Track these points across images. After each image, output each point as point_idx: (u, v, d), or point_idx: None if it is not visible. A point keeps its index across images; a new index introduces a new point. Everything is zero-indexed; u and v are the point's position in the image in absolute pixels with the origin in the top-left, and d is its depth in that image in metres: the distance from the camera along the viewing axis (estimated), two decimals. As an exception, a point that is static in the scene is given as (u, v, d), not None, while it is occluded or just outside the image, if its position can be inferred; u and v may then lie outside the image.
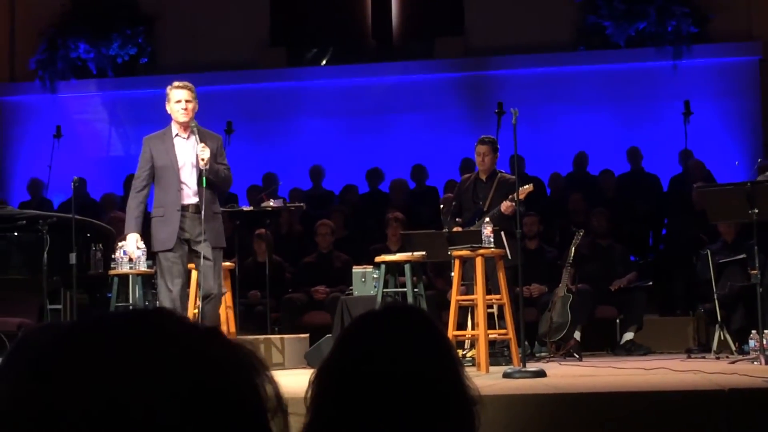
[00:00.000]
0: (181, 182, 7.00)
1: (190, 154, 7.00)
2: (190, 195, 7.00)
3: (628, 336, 9.33)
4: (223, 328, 7.85)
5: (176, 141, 7.04)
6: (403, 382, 1.85)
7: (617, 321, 9.51)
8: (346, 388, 1.87)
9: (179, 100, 7.01)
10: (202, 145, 6.93)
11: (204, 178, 6.93)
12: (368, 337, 1.89)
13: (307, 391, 1.92)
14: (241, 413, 1.02)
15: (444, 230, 8.32)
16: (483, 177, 8.52)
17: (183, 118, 6.99)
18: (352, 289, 8.92)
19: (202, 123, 13.18)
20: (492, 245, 7.38)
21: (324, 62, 14.04)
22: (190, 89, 7.10)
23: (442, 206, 9.02)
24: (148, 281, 8.30)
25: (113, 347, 1.01)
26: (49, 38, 13.64)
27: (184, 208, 7.00)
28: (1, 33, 14.18)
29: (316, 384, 1.91)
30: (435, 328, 2.01)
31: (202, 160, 6.89)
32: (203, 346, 1.03)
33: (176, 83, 7.16)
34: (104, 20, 13.58)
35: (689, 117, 12.26)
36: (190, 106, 7.03)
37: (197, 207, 6.95)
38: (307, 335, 8.89)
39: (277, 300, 9.82)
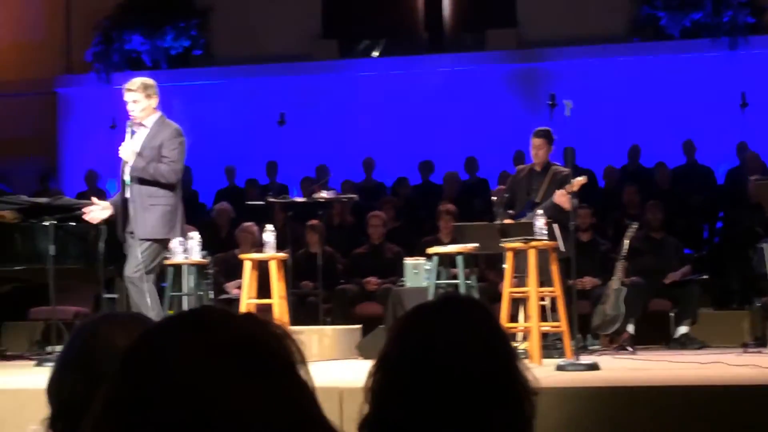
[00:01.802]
0: (123, 178, 7.22)
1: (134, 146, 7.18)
2: (128, 190, 7.19)
3: (683, 330, 9.26)
4: (276, 318, 7.89)
5: (127, 138, 7.21)
6: (462, 373, 1.86)
7: (671, 314, 9.44)
8: (406, 379, 1.87)
9: (126, 102, 7.16)
10: (123, 145, 7.09)
11: (127, 176, 7.13)
12: (427, 327, 1.89)
13: (366, 382, 1.93)
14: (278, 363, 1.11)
15: (496, 222, 8.29)
16: (537, 169, 8.49)
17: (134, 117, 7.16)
18: (403, 281, 8.93)
19: (255, 115, 13.29)
20: (545, 237, 7.34)
21: (376, 54, 14.05)
22: (129, 90, 7.18)
23: (494, 198, 8.99)
24: (201, 271, 8.37)
25: (177, 342, 1.10)
26: (104, 31, 13.79)
27: (124, 201, 7.20)
28: (58, 26, 14.35)
29: (375, 375, 1.92)
30: (493, 319, 2.01)
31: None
32: (244, 334, 1.11)
33: (124, 85, 7.28)
34: (158, 13, 13.70)
35: (745, 109, 12.12)
36: (135, 106, 7.12)
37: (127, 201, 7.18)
38: (360, 326, 8.90)
39: (329, 291, 9.85)
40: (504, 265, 7.73)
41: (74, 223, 8.06)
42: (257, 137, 13.22)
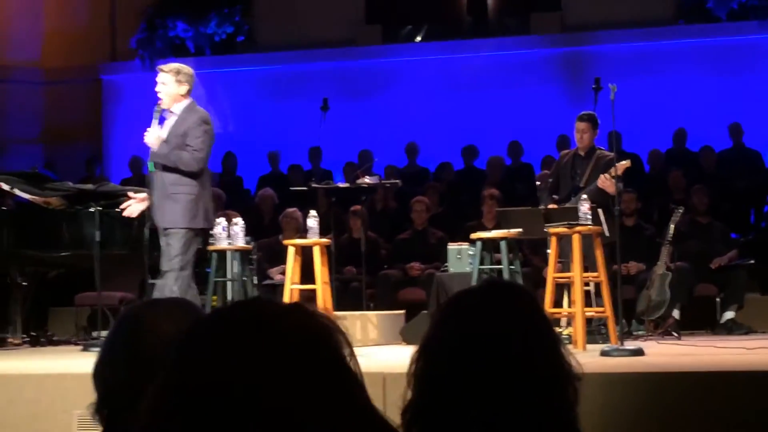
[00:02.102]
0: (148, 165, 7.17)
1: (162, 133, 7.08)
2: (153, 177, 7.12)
3: (729, 315, 9.17)
4: (319, 304, 7.91)
5: (154, 124, 7.11)
6: (504, 359, 1.85)
7: (717, 300, 9.35)
8: (448, 365, 1.87)
9: (156, 83, 7.11)
10: (149, 131, 7.01)
11: (150, 163, 7.06)
12: (470, 313, 1.88)
13: (409, 368, 1.92)
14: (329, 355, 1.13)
15: (540, 207, 8.25)
16: (581, 153, 8.44)
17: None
18: (447, 266, 8.91)
19: (298, 100, 13.30)
20: (589, 222, 7.30)
21: (419, 39, 14.02)
22: (161, 70, 7.12)
23: (538, 183, 8.95)
24: (245, 257, 8.41)
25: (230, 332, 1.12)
26: (148, 18, 13.86)
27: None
28: (104, 13, 14.45)
29: (418, 361, 1.91)
30: (536, 305, 2.00)
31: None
32: (290, 324, 1.13)
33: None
34: (202, -1, 13.76)
35: (793, 92, 11.96)
36: (162, 88, 7.05)
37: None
38: (403, 312, 8.91)
39: (373, 276, 9.86)
40: (548, 250, 7.69)
41: (119, 210, 8.12)
42: (300, 123, 13.23)
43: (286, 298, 7.97)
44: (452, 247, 8.89)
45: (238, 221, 8.41)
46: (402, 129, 13.17)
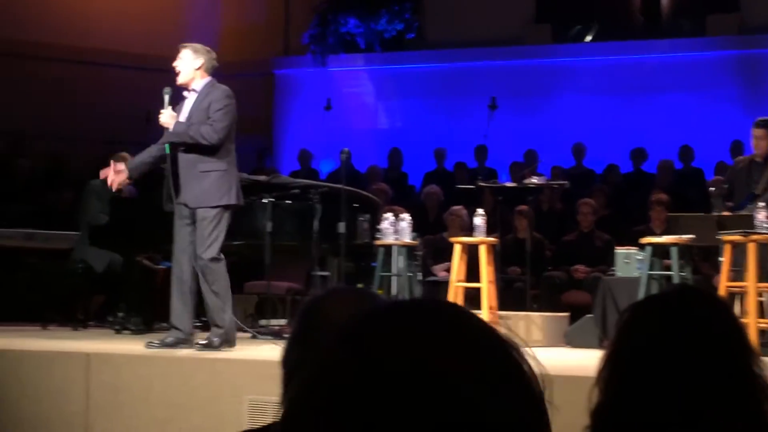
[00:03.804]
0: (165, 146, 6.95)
1: (182, 116, 6.92)
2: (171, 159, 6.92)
3: None
4: (484, 302, 7.91)
5: (165, 104, 6.95)
6: (699, 364, 1.82)
7: None
8: (636, 370, 1.86)
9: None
10: (162, 112, 6.86)
11: (167, 145, 6.86)
12: (664, 316, 1.87)
13: (598, 370, 1.92)
14: (521, 382, 1.06)
15: (713, 213, 8.06)
16: (758, 160, 8.20)
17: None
18: (614, 270, 8.78)
19: (466, 98, 13.31)
20: (765, 231, 7.09)
21: (589, 39, 13.85)
22: (182, 47, 6.98)
23: (712, 189, 8.73)
24: (411, 252, 8.47)
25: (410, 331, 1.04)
26: (321, 14, 14.09)
27: (171, 172, 6.91)
28: (277, 8, 14.77)
29: (606, 363, 1.91)
30: (731, 314, 1.96)
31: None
32: (485, 324, 1.07)
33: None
34: (374, -4, 13.92)
35: None
36: (179, 62, 6.91)
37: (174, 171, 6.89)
38: (568, 314, 8.83)
39: (537, 277, 9.80)
40: (720, 258, 7.51)
41: (290, 201, 8.29)
42: (467, 121, 13.24)
43: (451, 296, 7.99)
44: (620, 251, 8.76)
45: (405, 217, 8.48)
46: (569, 129, 13.03)
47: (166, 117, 6.82)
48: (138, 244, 8.57)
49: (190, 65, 6.89)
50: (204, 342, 6.71)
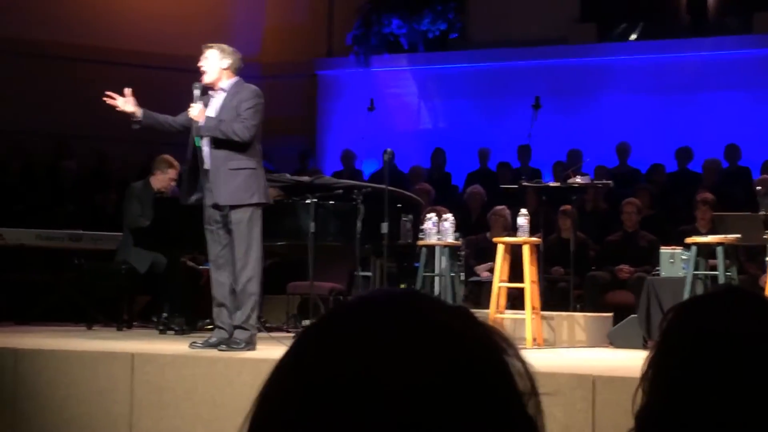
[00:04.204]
0: (194, 141, 6.93)
1: (210, 113, 6.90)
2: (199, 154, 6.90)
3: None
4: (527, 302, 7.88)
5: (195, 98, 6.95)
6: (743, 366, 1.80)
7: None
8: (680, 372, 1.83)
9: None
10: (192, 105, 6.84)
11: (197, 138, 6.84)
12: (712, 315, 1.84)
13: (644, 373, 1.89)
14: (496, 393, 0.97)
15: (760, 213, 7.97)
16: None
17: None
18: (659, 270, 8.71)
19: (509, 97, 13.26)
20: (813, 230, 7.01)
21: (634, 37, 13.76)
22: (207, 47, 6.95)
23: (759, 188, 8.65)
24: (454, 252, 8.45)
25: (377, 324, 0.98)
26: (364, 14, 14.11)
27: (193, 167, 6.93)
28: (321, 9, 14.80)
29: (651, 363, 1.88)
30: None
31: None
32: (455, 325, 0.99)
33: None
34: (418, -4, 13.92)
35: None
36: (205, 62, 6.88)
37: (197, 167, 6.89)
38: (611, 314, 8.77)
39: (581, 277, 9.75)
40: (767, 258, 7.43)
41: (333, 202, 8.30)
42: (510, 120, 13.20)
43: (494, 296, 7.97)
44: (665, 250, 8.68)
45: (448, 217, 8.47)
46: (613, 129, 12.95)
47: (197, 111, 6.84)
48: (181, 245, 8.62)
49: (217, 65, 6.90)
50: (232, 342, 6.75)
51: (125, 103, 6.98)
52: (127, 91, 7.02)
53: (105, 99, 7.01)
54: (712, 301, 1.91)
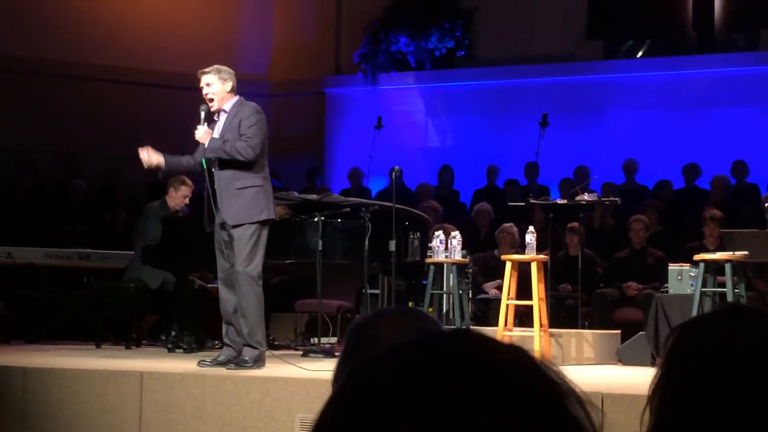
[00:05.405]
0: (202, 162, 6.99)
1: (214, 135, 6.96)
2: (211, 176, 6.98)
3: None
4: (535, 320, 7.88)
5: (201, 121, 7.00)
6: (750, 385, 1.80)
7: None
8: (690, 391, 1.84)
9: (200, 88, 6.99)
10: (198, 128, 6.90)
11: (204, 160, 6.91)
12: (718, 334, 1.84)
13: (651, 392, 1.90)
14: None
15: (768, 230, 7.98)
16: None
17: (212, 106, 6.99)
18: (667, 287, 8.71)
19: (516, 114, 13.28)
20: (821, 247, 7.01)
21: (640, 54, 13.78)
22: (203, 73, 6.99)
23: (766, 204, 8.65)
24: (462, 270, 8.46)
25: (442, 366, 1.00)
26: (372, 32, 14.15)
27: (209, 190, 7.00)
28: (329, 27, 14.86)
29: (657, 383, 1.89)
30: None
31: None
32: (523, 363, 1.01)
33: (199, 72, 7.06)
34: (425, 13, 13.94)
35: None
36: (209, 89, 6.94)
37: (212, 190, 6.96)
38: (619, 331, 8.77)
39: (588, 294, 9.75)
40: (775, 275, 7.43)
41: (341, 220, 8.32)
42: (517, 137, 13.23)
43: (502, 313, 7.98)
44: (673, 267, 8.69)
45: (456, 235, 8.48)
46: (620, 145, 12.96)
47: (201, 133, 6.90)
48: (191, 263, 8.64)
49: (222, 89, 6.97)
50: (241, 360, 6.77)
51: (149, 158, 7.03)
52: (144, 149, 7.07)
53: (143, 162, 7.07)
54: (717, 319, 1.91)
